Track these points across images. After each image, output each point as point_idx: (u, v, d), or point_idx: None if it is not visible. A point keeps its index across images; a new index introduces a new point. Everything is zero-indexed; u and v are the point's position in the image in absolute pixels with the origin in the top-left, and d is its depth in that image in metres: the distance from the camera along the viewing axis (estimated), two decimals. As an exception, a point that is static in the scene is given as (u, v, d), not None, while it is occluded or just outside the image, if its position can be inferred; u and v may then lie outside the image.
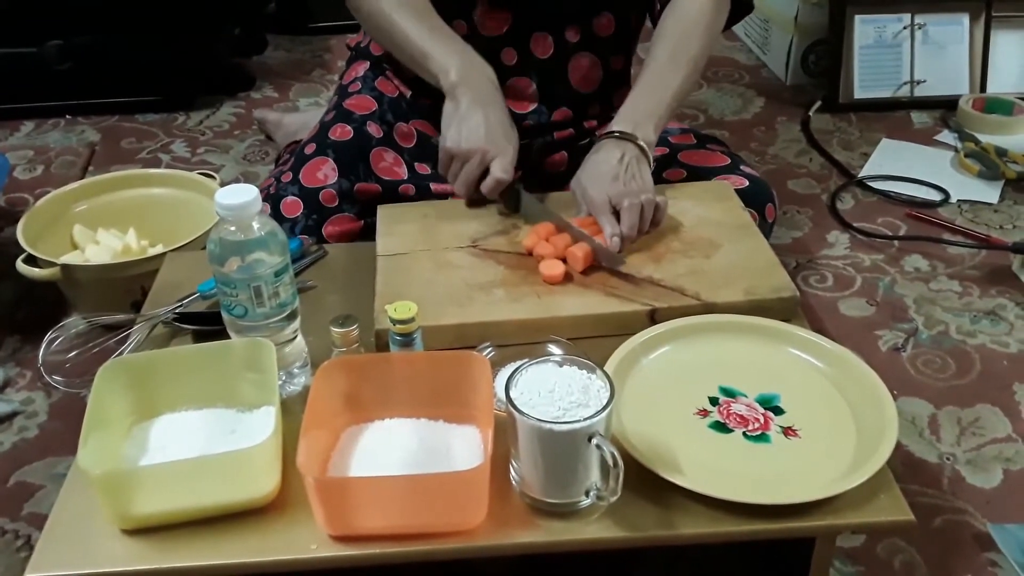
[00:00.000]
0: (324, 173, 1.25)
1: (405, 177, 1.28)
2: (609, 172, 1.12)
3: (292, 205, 1.24)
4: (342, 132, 1.29)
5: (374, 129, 1.30)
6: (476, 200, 1.17)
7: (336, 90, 1.43)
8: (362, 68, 1.39)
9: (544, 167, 1.35)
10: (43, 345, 1.05)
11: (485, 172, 1.14)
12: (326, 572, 0.83)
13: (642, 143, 1.15)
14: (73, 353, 1.08)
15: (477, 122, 1.14)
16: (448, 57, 1.17)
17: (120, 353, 0.99)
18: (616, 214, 1.09)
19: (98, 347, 1.07)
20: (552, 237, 1.07)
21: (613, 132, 1.16)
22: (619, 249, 1.07)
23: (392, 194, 1.25)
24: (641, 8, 1.34)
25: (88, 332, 1.12)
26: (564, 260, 1.05)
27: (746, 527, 0.78)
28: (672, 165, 1.31)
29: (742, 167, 1.30)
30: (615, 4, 1.30)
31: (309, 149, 1.29)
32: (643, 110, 1.18)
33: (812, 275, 1.58)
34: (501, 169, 1.13)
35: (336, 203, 1.24)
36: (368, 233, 1.19)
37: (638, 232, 1.09)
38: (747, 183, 1.26)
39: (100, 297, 1.35)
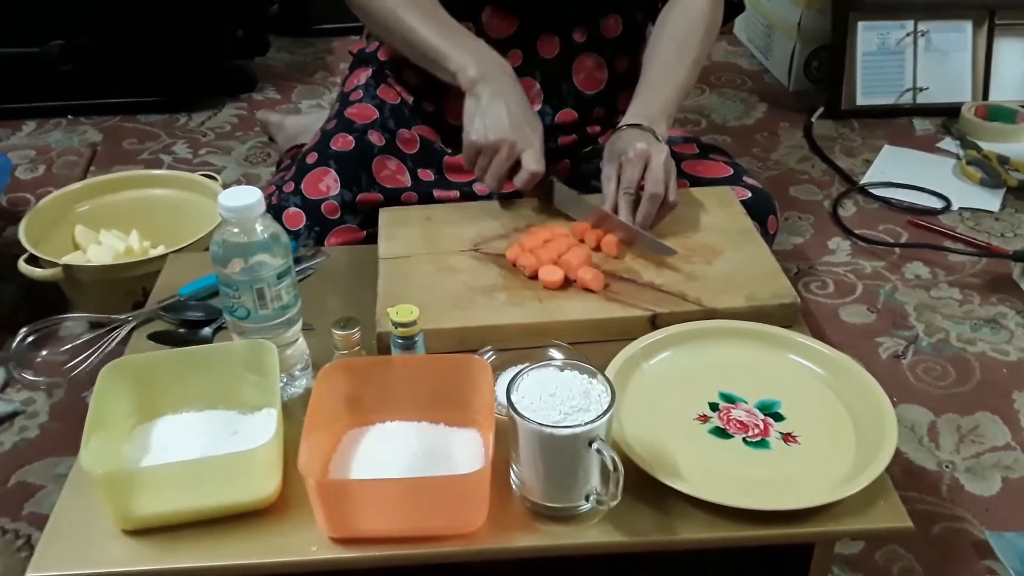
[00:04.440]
0: (326, 184, 1.25)
1: (408, 185, 1.28)
2: (642, 139, 1.13)
3: (294, 216, 1.24)
4: (343, 142, 1.29)
5: (375, 138, 1.30)
6: (505, 194, 1.18)
7: (338, 97, 1.43)
8: (364, 75, 1.39)
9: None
10: (16, 339, 1.06)
11: (514, 166, 1.14)
12: (326, 574, 0.83)
13: (660, 136, 1.16)
14: (44, 353, 1.09)
15: (500, 113, 1.14)
16: (464, 55, 1.17)
17: (93, 356, 1.00)
18: (635, 200, 1.11)
19: (75, 347, 1.08)
20: (536, 249, 1.07)
21: (626, 125, 1.18)
22: None
23: (395, 203, 1.25)
24: (646, 9, 1.34)
25: (70, 332, 1.13)
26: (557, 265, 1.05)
27: (745, 532, 0.78)
28: None
29: (745, 178, 1.30)
30: (622, 5, 1.30)
31: (311, 158, 1.29)
32: (655, 107, 1.20)
33: (813, 281, 1.58)
34: (534, 161, 1.13)
35: (338, 215, 1.24)
36: (371, 243, 1.19)
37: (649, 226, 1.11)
38: (749, 194, 1.26)
39: (102, 297, 1.36)
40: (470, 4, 1.25)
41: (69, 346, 1.09)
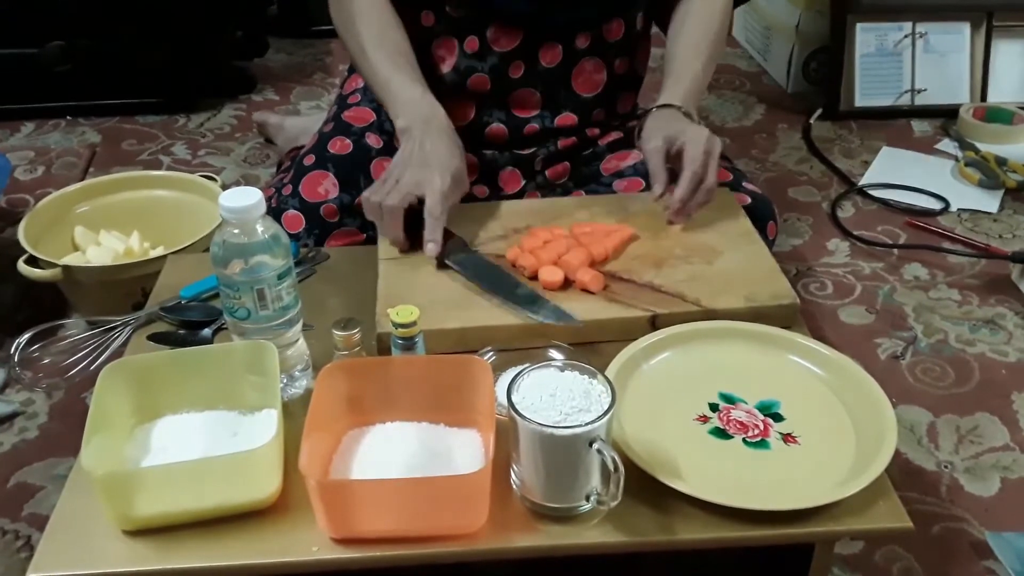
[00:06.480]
0: (325, 188, 1.25)
1: None
2: (680, 117, 1.15)
3: (294, 219, 1.24)
4: (341, 145, 1.29)
5: (373, 140, 1.30)
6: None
7: (336, 99, 1.43)
8: (361, 79, 1.39)
9: (546, 177, 1.35)
10: (16, 341, 1.07)
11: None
12: (327, 574, 0.83)
13: (694, 120, 1.18)
14: (44, 353, 1.09)
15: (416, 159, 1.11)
16: (398, 104, 1.16)
17: (93, 356, 1.00)
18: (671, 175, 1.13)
19: (75, 348, 1.09)
20: (536, 250, 1.07)
21: (660, 106, 1.19)
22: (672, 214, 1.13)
23: None
24: (647, 9, 1.34)
25: (70, 333, 1.13)
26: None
27: (745, 533, 0.78)
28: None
29: (744, 184, 1.30)
30: (626, 9, 1.30)
31: (308, 160, 1.29)
32: (688, 96, 1.21)
33: (812, 282, 1.58)
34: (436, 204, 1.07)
35: (337, 218, 1.25)
36: (371, 245, 1.19)
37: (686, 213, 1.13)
38: (749, 200, 1.26)
39: (101, 298, 1.36)
40: (475, 21, 1.24)
41: (69, 347, 1.09)
